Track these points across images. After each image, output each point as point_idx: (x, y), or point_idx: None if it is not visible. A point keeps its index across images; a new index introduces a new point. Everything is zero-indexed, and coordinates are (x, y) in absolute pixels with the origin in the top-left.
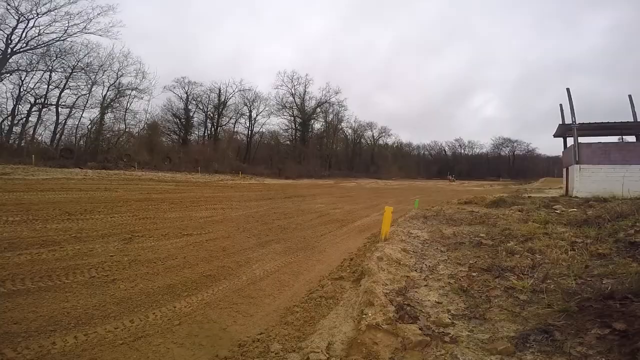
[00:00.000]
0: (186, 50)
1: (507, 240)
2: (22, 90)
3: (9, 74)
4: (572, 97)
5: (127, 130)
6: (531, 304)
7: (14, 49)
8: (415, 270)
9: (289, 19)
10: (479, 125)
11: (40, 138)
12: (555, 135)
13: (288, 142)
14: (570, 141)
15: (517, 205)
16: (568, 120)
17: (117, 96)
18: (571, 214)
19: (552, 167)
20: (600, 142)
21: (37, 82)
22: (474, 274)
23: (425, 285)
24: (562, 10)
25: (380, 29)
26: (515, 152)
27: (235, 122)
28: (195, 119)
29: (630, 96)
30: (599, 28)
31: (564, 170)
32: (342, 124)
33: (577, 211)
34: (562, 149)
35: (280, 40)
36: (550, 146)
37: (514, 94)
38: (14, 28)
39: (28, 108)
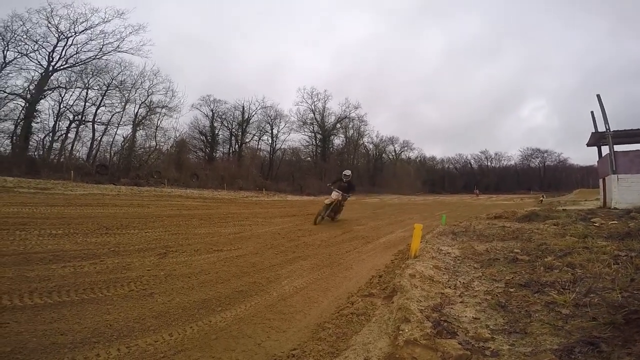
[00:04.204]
0: (216, 68)
1: (545, 256)
2: (61, 107)
3: (50, 91)
4: (603, 103)
5: (157, 147)
6: (574, 317)
7: (55, 67)
8: (450, 287)
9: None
10: (522, 135)
11: (77, 154)
12: (588, 144)
13: (309, 158)
14: (605, 150)
15: (551, 219)
16: (601, 128)
17: (148, 114)
18: (611, 226)
19: (586, 178)
20: (638, 150)
21: (76, 99)
22: (511, 290)
23: (461, 302)
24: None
25: (424, 35)
26: (545, 163)
27: (258, 139)
28: (220, 136)
29: None
30: None
31: (600, 180)
32: (363, 139)
33: (617, 223)
34: (597, 158)
35: (312, 56)
36: (584, 155)
37: (566, 103)
38: (55, 46)
39: (67, 124)
